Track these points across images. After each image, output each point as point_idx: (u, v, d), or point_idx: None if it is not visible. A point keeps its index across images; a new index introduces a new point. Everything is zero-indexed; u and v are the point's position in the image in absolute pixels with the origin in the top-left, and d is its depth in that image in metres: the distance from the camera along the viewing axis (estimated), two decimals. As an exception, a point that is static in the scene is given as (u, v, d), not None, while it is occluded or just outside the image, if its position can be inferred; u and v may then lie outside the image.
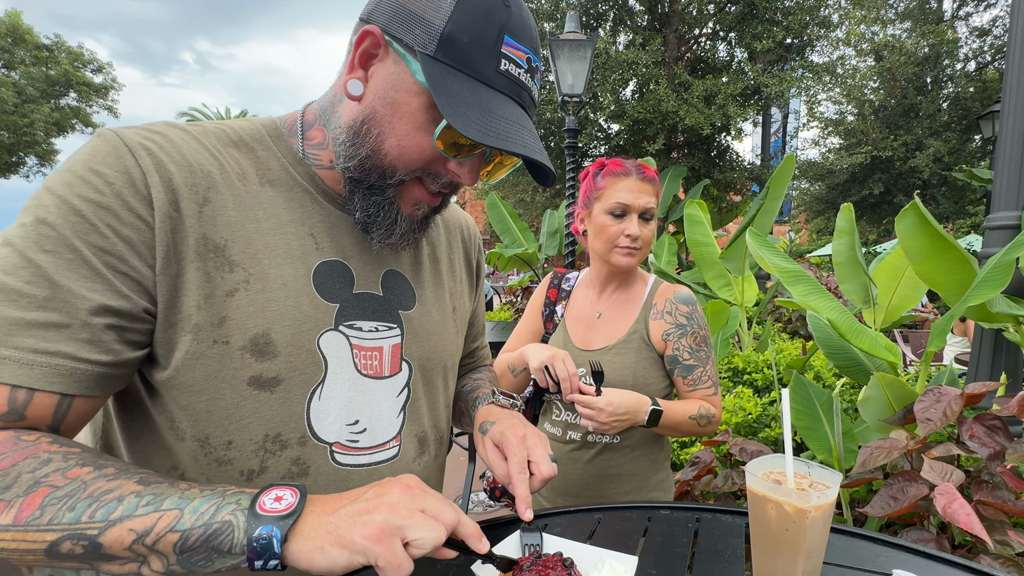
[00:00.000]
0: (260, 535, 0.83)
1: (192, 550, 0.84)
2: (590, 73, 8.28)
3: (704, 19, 17.53)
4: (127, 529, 0.82)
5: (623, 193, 2.16)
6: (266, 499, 0.88)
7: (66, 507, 0.82)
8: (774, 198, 5.60)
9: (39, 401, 0.92)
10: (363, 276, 1.29)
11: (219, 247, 1.08)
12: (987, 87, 23.99)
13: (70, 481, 0.84)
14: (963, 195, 24.49)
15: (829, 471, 1.12)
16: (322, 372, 1.19)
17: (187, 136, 1.11)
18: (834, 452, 2.82)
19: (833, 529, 1.34)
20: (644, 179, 2.19)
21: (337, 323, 1.22)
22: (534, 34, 1.16)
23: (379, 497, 0.90)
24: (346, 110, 1.18)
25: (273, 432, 1.14)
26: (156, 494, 0.86)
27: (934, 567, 1.22)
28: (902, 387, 2.65)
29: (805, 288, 2.73)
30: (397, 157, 1.14)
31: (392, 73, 1.10)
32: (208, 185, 1.09)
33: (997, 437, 2.10)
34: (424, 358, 1.40)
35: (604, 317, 2.37)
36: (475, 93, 1.06)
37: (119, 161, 0.98)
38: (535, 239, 12.06)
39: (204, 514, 0.85)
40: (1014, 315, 2.73)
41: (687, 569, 1.23)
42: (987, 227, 3.25)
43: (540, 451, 1.29)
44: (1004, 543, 1.84)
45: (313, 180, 1.25)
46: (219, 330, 1.07)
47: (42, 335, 0.90)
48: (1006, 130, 3.17)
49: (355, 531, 0.84)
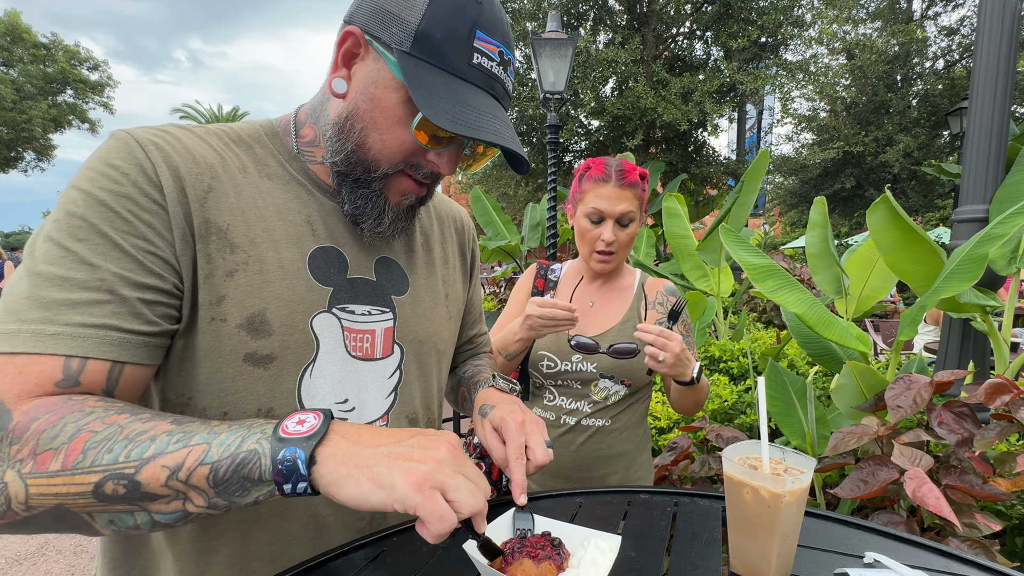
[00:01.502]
0: (284, 457, 0.85)
1: (225, 482, 0.86)
2: (571, 71, 8.27)
3: (681, 19, 17.56)
4: (160, 466, 0.85)
5: (600, 200, 2.18)
6: (289, 423, 0.91)
7: (104, 449, 0.85)
8: (749, 192, 5.61)
9: (92, 368, 0.96)
10: (357, 262, 1.32)
11: (221, 230, 1.12)
12: (955, 84, 24.17)
13: (108, 426, 0.88)
14: (932, 189, 24.69)
15: (803, 456, 1.13)
16: (314, 351, 1.22)
17: (191, 134, 1.16)
18: (807, 438, 2.83)
19: (807, 513, 1.35)
20: (623, 185, 2.18)
21: (330, 306, 1.25)
22: (506, 28, 1.19)
23: (425, 449, 0.91)
24: (333, 107, 1.22)
25: (266, 407, 1.17)
26: (186, 432, 0.89)
27: (905, 549, 1.22)
28: (873, 375, 2.66)
29: (775, 283, 2.74)
30: (380, 151, 1.18)
31: (372, 70, 1.14)
32: (211, 175, 1.13)
33: (965, 424, 2.12)
34: (416, 342, 1.43)
35: (597, 306, 2.38)
36: (448, 86, 1.10)
37: (131, 155, 1.03)
38: (518, 232, 12.07)
39: (231, 445, 0.88)
40: (981, 305, 2.75)
41: (666, 552, 1.23)
42: (955, 220, 3.27)
43: (537, 437, 1.30)
44: (972, 526, 1.85)
45: (307, 175, 1.29)
46: (217, 308, 1.10)
47: (88, 311, 0.95)
48: (973, 126, 3.19)
49: (395, 475, 0.85)
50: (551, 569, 1.05)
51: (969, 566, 1.15)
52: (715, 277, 6.02)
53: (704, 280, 6.22)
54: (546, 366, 2.32)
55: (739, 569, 1.13)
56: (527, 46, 15.93)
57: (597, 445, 2.25)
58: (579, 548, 1.13)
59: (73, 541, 4.76)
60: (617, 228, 2.21)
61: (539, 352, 2.34)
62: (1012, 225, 2.28)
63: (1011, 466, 1.97)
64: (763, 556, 1.07)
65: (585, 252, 2.29)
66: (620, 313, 2.32)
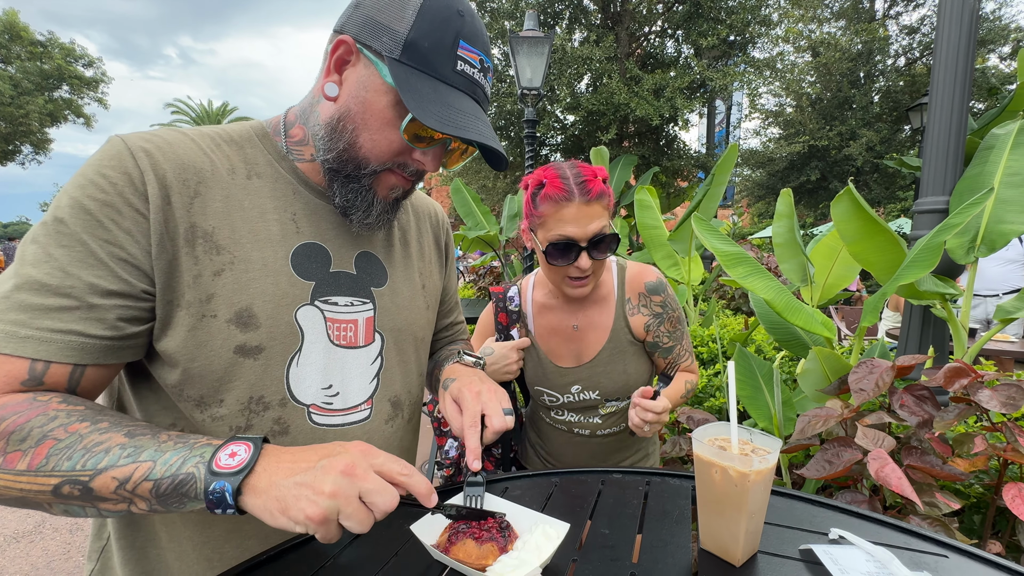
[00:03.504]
0: (214, 488, 0.91)
1: (165, 496, 0.93)
2: (547, 68, 8.26)
3: (653, 17, 17.59)
4: (111, 477, 0.92)
5: (566, 225, 1.85)
6: (222, 455, 0.95)
7: (65, 457, 0.93)
8: (718, 184, 5.63)
9: (55, 371, 1.03)
10: (339, 257, 1.37)
11: (207, 233, 1.17)
12: (916, 81, 24.42)
13: (70, 435, 0.95)
14: (894, 181, 24.94)
15: (770, 438, 1.13)
16: (299, 342, 1.27)
17: (184, 138, 1.20)
18: (774, 420, 2.84)
19: (774, 492, 1.35)
20: (589, 200, 1.85)
21: (313, 298, 1.30)
22: (486, 39, 1.26)
23: (326, 474, 0.93)
24: (324, 109, 1.27)
25: (257, 394, 1.23)
26: (136, 447, 0.96)
27: (868, 526, 1.23)
28: (837, 360, 2.68)
29: (744, 270, 2.74)
30: (370, 150, 1.24)
31: (363, 76, 1.19)
32: (198, 180, 1.18)
33: (925, 406, 2.13)
34: (396, 330, 1.48)
35: (582, 327, 2.14)
36: (435, 90, 1.16)
37: (121, 164, 1.08)
38: (496, 222, 12.03)
39: (172, 465, 0.94)
40: (941, 293, 2.77)
41: (638, 529, 1.23)
42: (916, 211, 3.29)
43: (494, 405, 1.35)
44: (932, 504, 1.86)
45: (296, 173, 1.34)
46: (207, 305, 1.16)
47: (58, 316, 1.02)
48: (933, 121, 3.20)
49: (299, 507, 0.90)
50: (493, 551, 1.07)
51: (929, 542, 1.16)
52: (685, 266, 6.02)
53: (675, 269, 6.23)
54: (548, 400, 2.20)
55: (708, 545, 1.14)
56: (505, 44, 15.92)
57: (616, 443, 2.21)
58: (526, 532, 1.14)
59: (70, 520, 4.78)
60: (592, 250, 1.90)
61: (536, 388, 2.22)
62: (967, 215, 2.30)
63: (969, 447, 1.98)
64: (731, 533, 1.08)
65: (555, 280, 2.02)
66: (606, 328, 2.12)
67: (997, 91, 14.67)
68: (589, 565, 1.08)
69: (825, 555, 1.07)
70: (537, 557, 1.04)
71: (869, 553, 1.06)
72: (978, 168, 2.94)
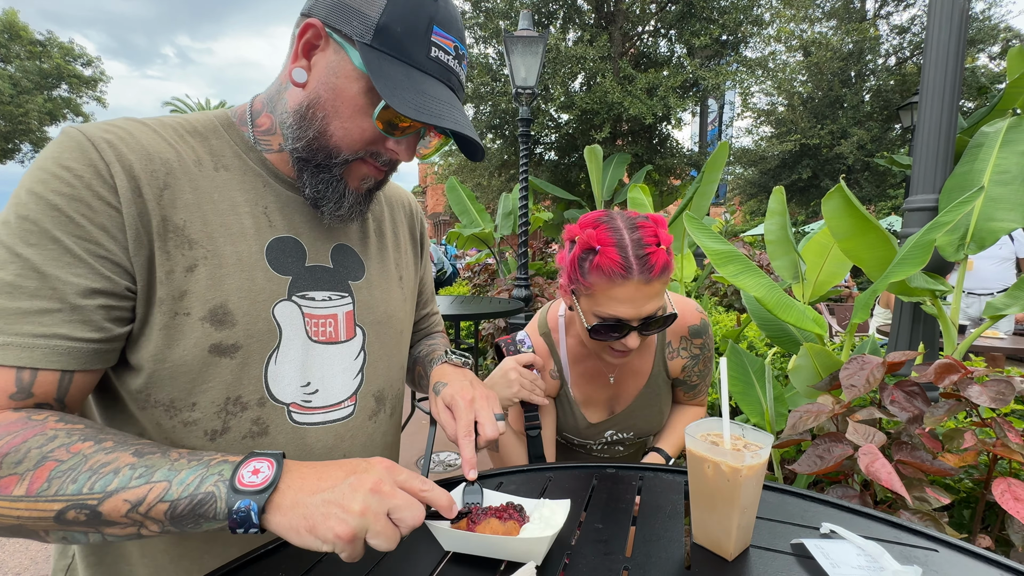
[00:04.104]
0: (239, 508, 0.87)
1: (181, 517, 0.88)
2: (542, 67, 8.25)
3: (646, 17, 17.56)
4: (122, 500, 0.86)
5: (620, 304, 1.58)
6: (244, 472, 0.90)
7: (69, 479, 0.86)
8: (709, 182, 5.63)
9: (43, 379, 0.96)
10: (314, 251, 1.32)
11: (179, 227, 1.11)
12: (906, 80, 24.46)
13: (73, 455, 0.88)
14: (884, 179, 24.93)
15: (762, 433, 1.13)
16: (277, 339, 1.22)
17: (145, 129, 1.13)
18: (766, 416, 2.85)
19: (765, 487, 1.35)
20: (650, 280, 1.56)
21: (290, 294, 1.25)
22: (460, 25, 1.22)
23: (355, 492, 0.90)
24: (292, 96, 1.21)
25: (234, 395, 1.18)
26: (148, 466, 0.90)
27: (858, 521, 1.23)
28: (828, 356, 2.68)
29: (735, 268, 2.74)
30: (342, 138, 1.18)
31: (333, 61, 1.14)
32: (166, 171, 1.11)
33: (915, 402, 2.13)
34: (377, 323, 1.44)
35: (618, 378, 1.97)
36: (409, 77, 1.11)
37: (84, 155, 1.00)
38: (491, 220, 12.06)
39: (190, 485, 0.88)
40: (931, 290, 2.78)
41: (631, 523, 1.23)
42: (906, 209, 3.30)
43: (487, 413, 1.33)
44: (922, 499, 1.86)
45: (264, 164, 1.28)
46: (180, 303, 1.10)
47: (38, 320, 0.95)
48: (923, 120, 3.21)
49: (328, 526, 0.87)
50: (515, 527, 1.09)
51: (919, 537, 1.16)
52: (678, 263, 6.03)
53: (668, 267, 6.23)
54: (577, 444, 2.10)
55: (701, 540, 1.14)
56: (500, 43, 15.92)
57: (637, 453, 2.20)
58: (534, 511, 1.17)
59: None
60: (644, 329, 1.65)
61: (564, 435, 2.08)
62: (957, 213, 2.30)
63: (959, 442, 1.99)
64: (724, 527, 1.08)
65: (595, 347, 1.82)
66: (645, 373, 1.97)
67: (987, 90, 14.71)
68: (583, 559, 1.08)
69: (816, 549, 1.07)
70: (555, 523, 1.10)
71: (860, 547, 1.06)
72: (967, 166, 2.95)
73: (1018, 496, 1.76)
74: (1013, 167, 2.76)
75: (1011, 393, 1.89)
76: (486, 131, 17.85)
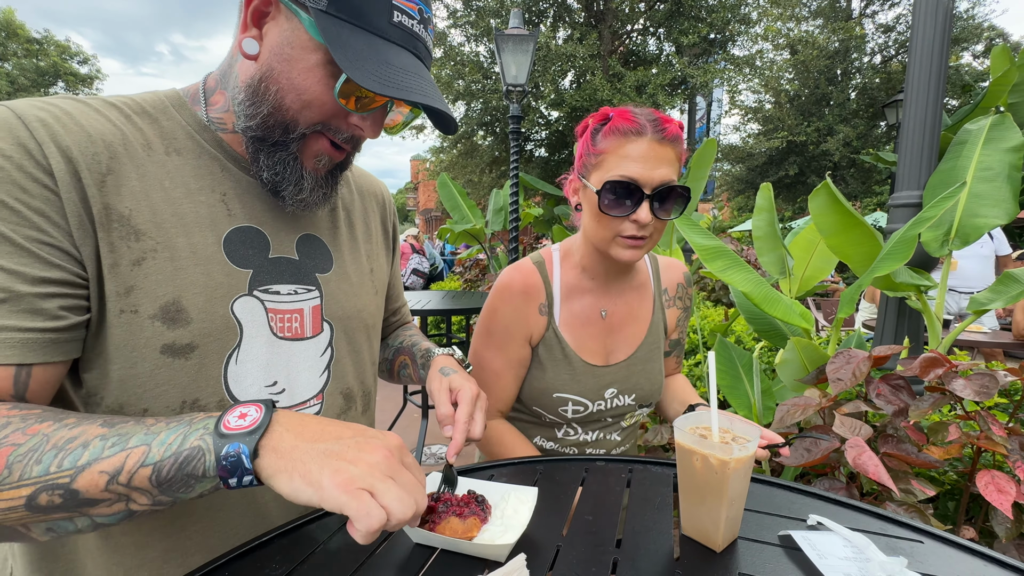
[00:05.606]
0: (228, 452, 0.78)
1: (169, 480, 0.80)
2: (532, 65, 8.25)
3: (635, 16, 17.62)
4: (98, 471, 0.77)
5: (632, 163, 1.51)
6: (230, 418, 0.83)
7: (32, 461, 0.77)
8: (697, 178, 5.63)
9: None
10: (278, 241, 1.22)
11: (124, 217, 0.99)
12: (891, 78, 24.60)
13: (31, 437, 0.79)
14: (870, 176, 25.09)
15: (750, 426, 1.13)
16: (237, 337, 1.12)
17: (87, 108, 1.02)
18: (754, 409, 2.85)
19: (753, 479, 1.35)
20: (663, 139, 1.52)
21: (251, 288, 1.15)
22: None
23: (360, 450, 0.83)
24: (243, 69, 1.09)
25: (191, 398, 1.07)
26: (121, 434, 0.81)
27: (845, 513, 1.23)
28: (815, 350, 2.69)
29: (723, 263, 2.74)
30: (298, 111, 1.06)
31: (286, 30, 1.01)
32: (110, 155, 0.99)
33: (901, 395, 2.14)
34: (344, 318, 1.34)
35: (612, 314, 1.82)
36: (371, 46, 0.99)
37: (11, 134, 0.89)
38: (482, 216, 12.04)
39: (172, 444, 0.80)
40: (916, 285, 2.79)
41: (620, 515, 1.23)
42: (891, 205, 3.31)
43: (482, 415, 1.28)
44: (908, 491, 1.87)
45: (220, 146, 1.17)
46: (126, 299, 0.99)
47: None
48: (909, 117, 3.22)
49: (325, 474, 0.78)
50: (476, 523, 1.07)
51: (905, 528, 1.16)
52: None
53: (657, 262, 6.22)
54: (572, 411, 1.79)
55: (689, 532, 1.13)
56: (491, 41, 15.93)
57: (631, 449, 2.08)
58: (500, 501, 1.17)
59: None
60: (656, 201, 1.54)
61: (557, 396, 1.78)
62: (941, 208, 2.31)
63: (943, 435, 1.99)
64: (712, 519, 1.07)
65: (602, 238, 1.63)
66: (646, 320, 1.85)
67: (970, 88, 14.75)
68: (573, 551, 1.08)
69: (804, 541, 1.07)
70: (518, 523, 1.08)
71: (846, 539, 1.06)
72: (951, 163, 2.96)
73: (1002, 488, 1.77)
74: (996, 164, 2.77)
75: (995, 387, 1.90)
76: (477, 128, 17.85)
